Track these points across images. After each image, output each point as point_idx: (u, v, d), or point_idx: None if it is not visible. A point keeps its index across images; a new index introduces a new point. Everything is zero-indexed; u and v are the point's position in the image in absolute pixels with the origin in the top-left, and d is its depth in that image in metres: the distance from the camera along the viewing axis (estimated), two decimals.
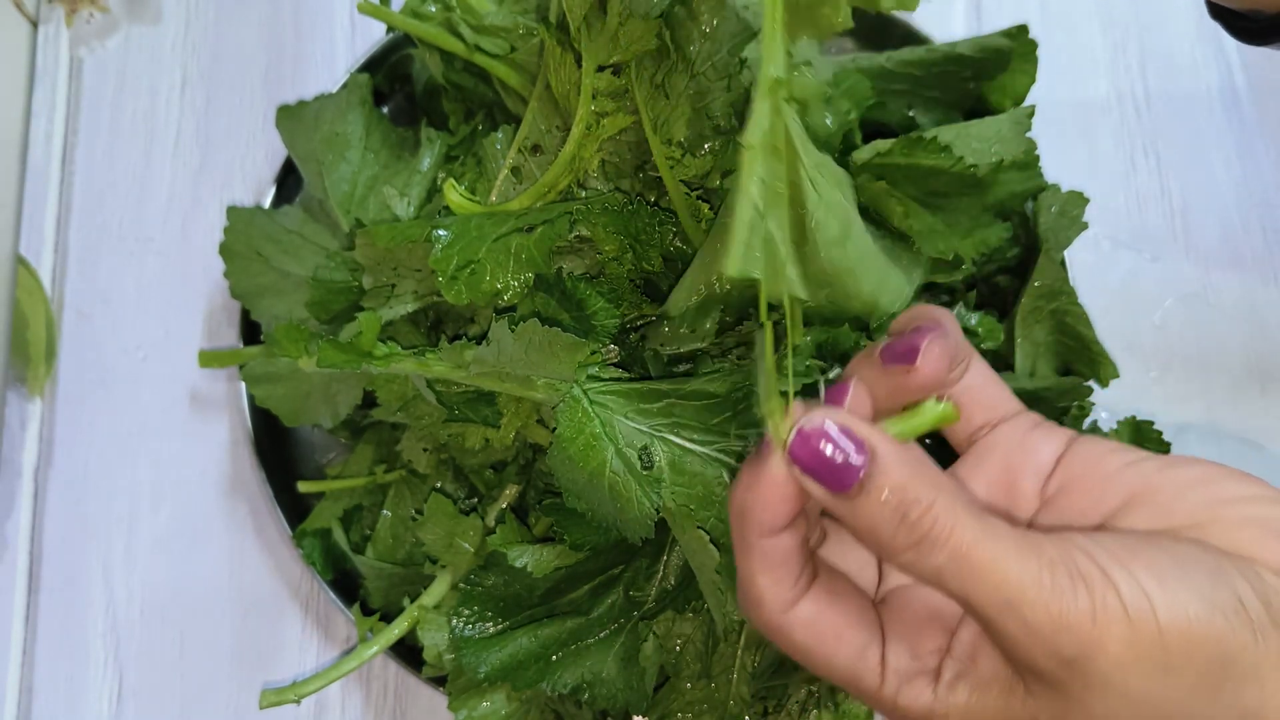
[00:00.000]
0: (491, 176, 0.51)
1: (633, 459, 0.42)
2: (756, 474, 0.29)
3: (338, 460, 0.63)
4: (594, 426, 0.43)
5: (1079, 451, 0.33)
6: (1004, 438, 0.34)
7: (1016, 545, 0.27)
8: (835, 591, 0.31)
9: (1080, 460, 0.33)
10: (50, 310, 0.68)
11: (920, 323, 0.33)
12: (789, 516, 0.29)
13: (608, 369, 0.46)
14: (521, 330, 0.41)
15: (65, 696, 0.63)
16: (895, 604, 0.33)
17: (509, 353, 0.43)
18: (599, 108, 0.47)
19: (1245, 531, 0.28)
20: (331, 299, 0.52)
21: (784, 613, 0.30)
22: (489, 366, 0.44)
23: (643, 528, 0.42)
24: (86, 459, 0.66)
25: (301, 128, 0.57)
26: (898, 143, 0.50)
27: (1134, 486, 0.31)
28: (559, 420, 0.43)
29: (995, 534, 0.27)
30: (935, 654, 0.31)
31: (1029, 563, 0.26)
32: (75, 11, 0.73)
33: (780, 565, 0.30)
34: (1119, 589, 0.26)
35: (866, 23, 0.65)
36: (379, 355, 0.44)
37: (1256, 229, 0.69)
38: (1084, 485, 0.32)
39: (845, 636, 0.30)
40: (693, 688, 0.49)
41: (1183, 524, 0.29)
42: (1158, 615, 0.26)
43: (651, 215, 0.46)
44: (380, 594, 0.57)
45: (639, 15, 0.45)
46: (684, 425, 0.44)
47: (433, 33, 0.52)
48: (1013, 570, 0.26)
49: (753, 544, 0.30)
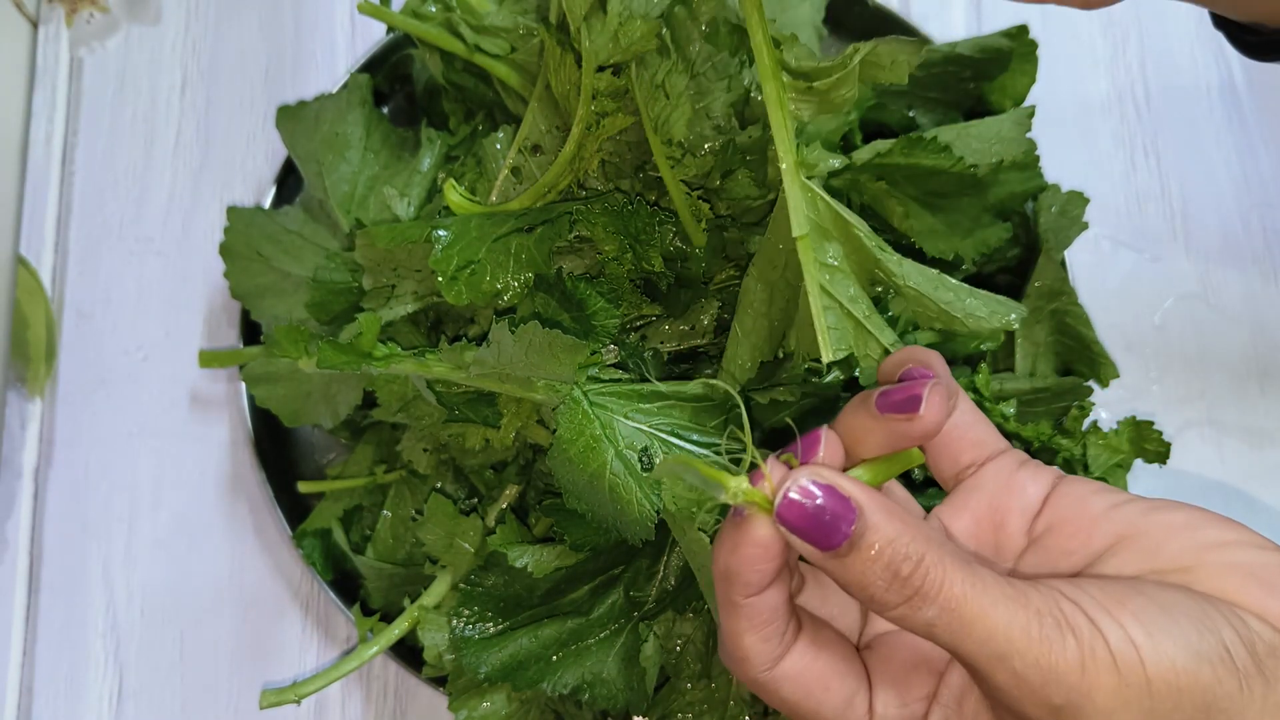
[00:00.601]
0: (492, 177, 0.51)
1: (633, 460, 0.42)
2: (739, 535, 0.29)
3: (338, 460, 0.63)
4: (594, 428, 0.43)
5: (1066, 492, 0.33)
6: (990, 477, 0.34)
7: (1004, 596, 0.27)
8: (820, 642, 0.31)
9: (1067, 501, 0.33)
10: (50, 310, 0.68)
11: (910, 365, 0.33)
12: (774, 574, 0.29)
13: (608, 370, 0.46)
14: (522, 332, 0.41)
15: (65, 696, 0.63)
16: (881, 650, 0.33)
17: (509, 354, 0.43)
18: (599, 108, 0.47)
19: (1230, 577, 0.28)
20: (331, 300, 0.52)
21: (770, 669, 0.30)
22: (489, 368, 0.44)
23: (643, 529, 0.42)
24: (87, 459, 0.66)
25: (302, 128, 0.57)
26: (898, 143, 0.50)
27: (1120, 529, 0.31)
28: (559, 422, 0.43)
29: (984, 586, 0.27)
30: (923, 700, 0.31)
31: (1017, 614, 0.27)
32: (75, 12, 0.73)
33: (767, 623, 0.30)
34: (1107, 639, 0.26)
35: (866, 22, 0.65)
36: (379, 356, 0.44)
37: (1256, 229, 0.69)
38: (1071, 526, 0.32)
39: (832, 688, 0.30)
40: (693, 688, 0.49)
41: (1168, 568, 0.29)
42: (1145, 665, 0.26)
43: (651, 215, 0.46)
44: (380, 594, 0.57)
45: (639, 15, 0.45)
46: (684, 427, 0.44)
47: (433, 33, 0.52)
48: (1001, 622, 0.26)
49: (739, 604, 0.30)
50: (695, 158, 0.48)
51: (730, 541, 0.29)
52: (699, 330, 0.50)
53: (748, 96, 0.49)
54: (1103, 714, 0.26)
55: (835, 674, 0.30)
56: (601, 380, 0.45)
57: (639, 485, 0.41)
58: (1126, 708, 0.26)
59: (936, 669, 0.31)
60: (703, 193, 0.49)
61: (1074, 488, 0.33)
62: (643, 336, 0.50)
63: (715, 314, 0.49)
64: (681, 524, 0.43)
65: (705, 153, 0.48)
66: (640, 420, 0.44)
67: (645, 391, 0.44)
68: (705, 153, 0.48)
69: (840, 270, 0.40)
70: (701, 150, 0.48)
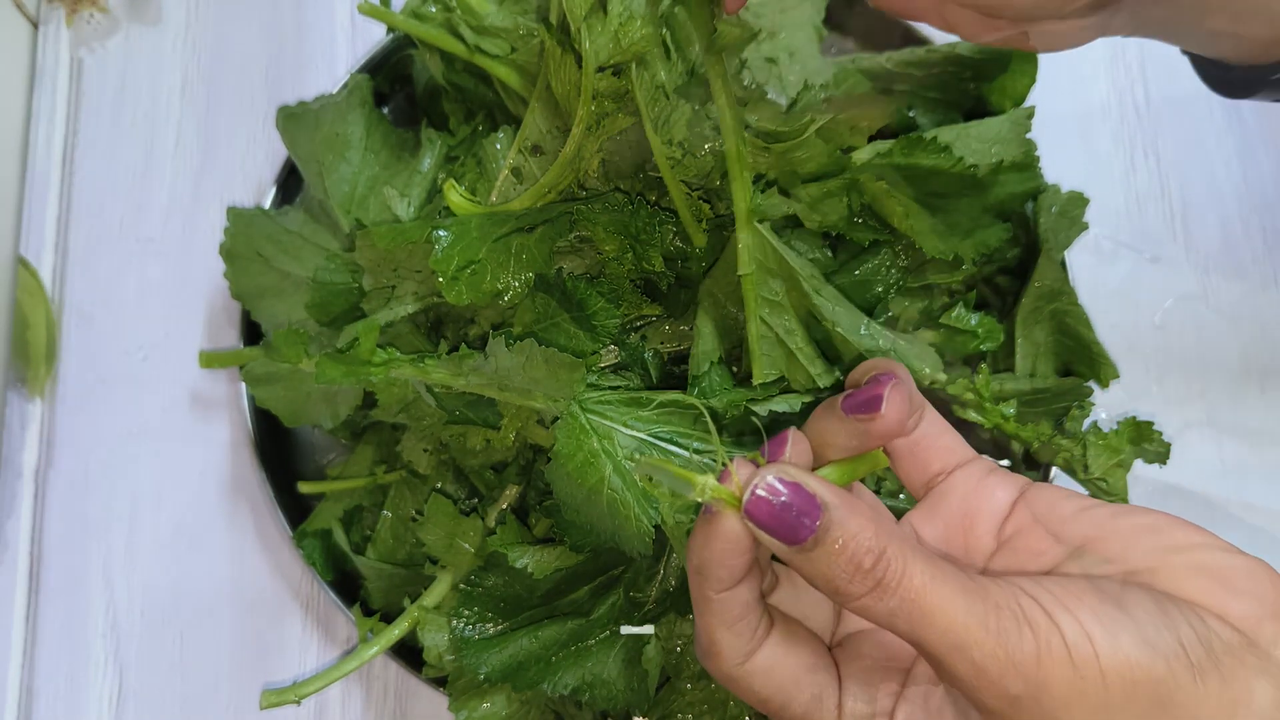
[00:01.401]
0: (492, 177, 0.51)
1: (632, 472, 0.42)
2: (710, 531, 0.30)
3: (338, 461, 0.63)
4: (592, 442, 0.43)
5: (1034, 497, 0.34)
6: (960, 483, 0.35)
7: (964, 589, 0.28)
8: (791, 639, 0.32)
9: (1036, 505, 0.34)
10: (51, 311, 0.68)
11: (876, 373, 0.35)
12: (744, 569, 0.31)
13: (606, 375, 0.46)
14: (518, 349, 0.42)
15: (66, 697, 0.63)
16: (851, 648, 0.34)
17: (506, 368, 0.43)
18: (599, 108, 0.47)
19: (1193, 578, 0.29)
20: (332, 301, 0.52)
21: (741, 664, 0.31)
22: (487, 378, 0.44)
23: (641, 544, 0.42)
24: (87, 460, 0.66)
25: (302, 129, 0.57)
26: (898, 143, 0.50)
27: (1088, 531, 0.32)
28: (557, 437, 0.43)
29: (944, 578, 0.28)
30: (890, 697, 0.32)
31: (975, 606, 0.28)
32: (76, 12, 0.73)
33: (739, 619, 0.31)
34: (1063, 632, 0.27)
35: (867, 24, 0.65)
36: (377, 363, 0.44)
37: (1256, 229, 0.69)
38: (1039, 529, 0.33)
39: (802, 683, 0.31)
40: (693, 688, 0.49)
41: (1132, 569, 0.30)
42: (1099, 658, 0.27)
43: (652, 215, 0.46)
44: (381, 594, 0.57)
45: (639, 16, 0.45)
46: (684, 434, 0.44)
47: (433, 34, 0.52)
48: (960, 614, 0.27)
49: (710, 599, 0.31)
50: (695, 158, 0.48)
51: (701, 537, 0.30)
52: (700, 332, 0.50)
53: None
54: (1059, 704, 0.27)
55: (805, 670, 0.32)
56: (600, 387, 0.45)
57: (636, 500, 0.42)
58: (1082, 698, 0.27)
59: (904, 666, 0.33)
60: (703, 193, 0.49)
61: (1043, 492, 0.34)
62: (643, 337, 0.50)
63: None
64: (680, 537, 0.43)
65: (705, 153, 0.48)
66: (639, 428, 0.44)
67: (644, 399, 0.44)
68: (705, 153, 0.48)
69: (780, 305, 0.45)
70: (701, 150, 0.48)
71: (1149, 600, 0.28)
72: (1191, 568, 0.29)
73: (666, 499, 0.42)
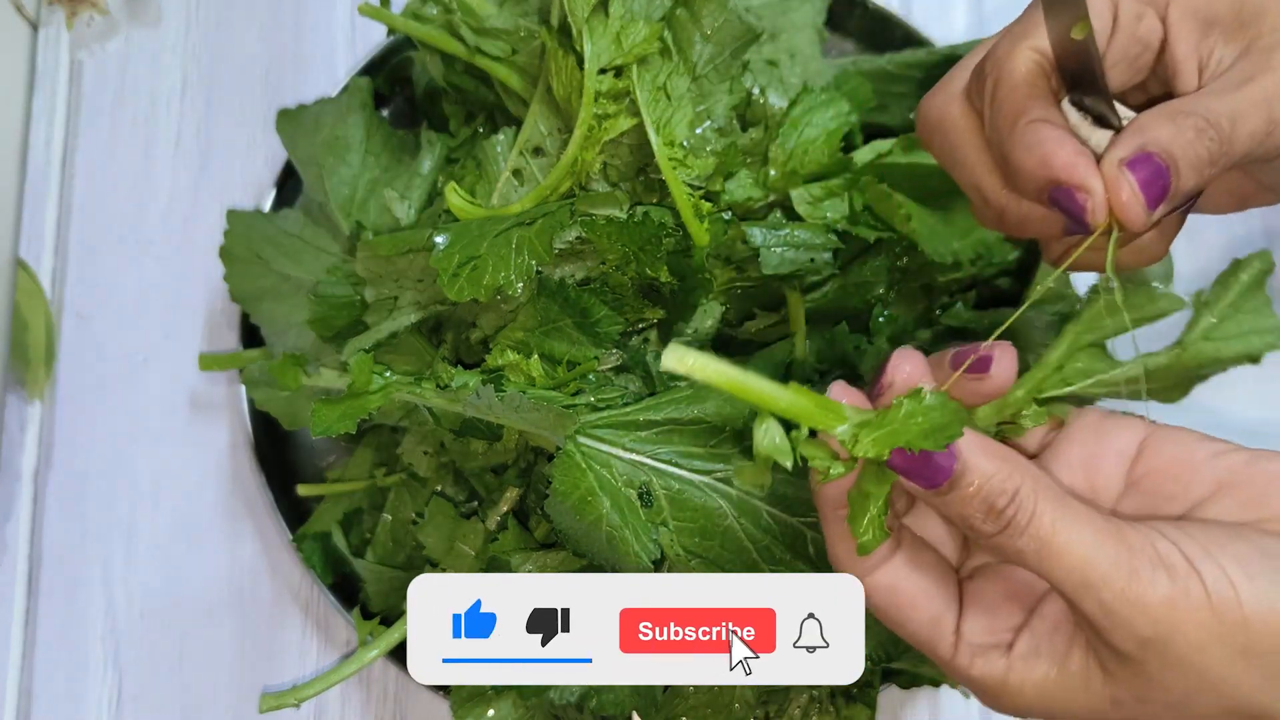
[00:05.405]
0: (492, 179, 0.51)
1: (632, 499, 0.43)
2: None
3: (337, 463, 0.63)
4: (589, 481, 0.43)
5: (1165, 437, 0.34)
6: (1077, 431, 0.36)
7: (1095, 530, 0.29)
8: (916, 561, 0.33)
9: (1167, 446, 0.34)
10: (50, 313, 0.68)
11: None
12: None
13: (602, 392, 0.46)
14: (507, 401, 0.42)
15: (65, 700, 0.62)
16: (979, 580, 0.34)
17: (499, 411, 0.43)
18: (601, 110, 0.47)
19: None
20: (334, 314, 0.52)
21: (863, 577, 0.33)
22: (483, 410, 0.44)
23: None
24: (86, 462, 0.66)
25: (302, 131, 0.57)
26: (898, 143, 0.50)
27: (1222, 477, 0.32)
28: (554, 475, 0.43)
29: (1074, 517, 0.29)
30: (1010, 631, 0.32)
31: (1106, 546, 0.28)
32: (75, 14, 0.72)
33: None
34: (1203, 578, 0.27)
35: (867, 25, 0.64)
36: (374, 390, 0.44)
37: (1257, 229, 0.68)
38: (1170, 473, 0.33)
39: (920, 604, 0.32)
40: (696, 691, 0.49)
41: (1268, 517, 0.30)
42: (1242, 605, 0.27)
43: (657, 228, 0.46)
44: (380, 598, 0.57)
45: (641, 17, 0.45)
46: (685, 454, 0.44)
47: (433, 35, 0.52)
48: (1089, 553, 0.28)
49: (830, 516, 0.33)
50: (698, 159, 0.48)
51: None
52: (701, 334, 0.50)
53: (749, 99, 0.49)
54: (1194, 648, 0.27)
55: (924, 593, 0.32)
56: (598, 408, 0.45)
57: (635, 536, 0.42)
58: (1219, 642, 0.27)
59: (1030, 602, 0.33)
60: (704, 194, 0.49)
61: (1174, 434, 0.34)
62: (645, 340, 0.50)
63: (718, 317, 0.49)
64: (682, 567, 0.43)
65: (707, 154, 0.48)
66: (639, 450, 0.44)
67: (642, 420, 0.44)
68: (707, 154, 0.48)
69: None
70: (704, 152, 0.48)
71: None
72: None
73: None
